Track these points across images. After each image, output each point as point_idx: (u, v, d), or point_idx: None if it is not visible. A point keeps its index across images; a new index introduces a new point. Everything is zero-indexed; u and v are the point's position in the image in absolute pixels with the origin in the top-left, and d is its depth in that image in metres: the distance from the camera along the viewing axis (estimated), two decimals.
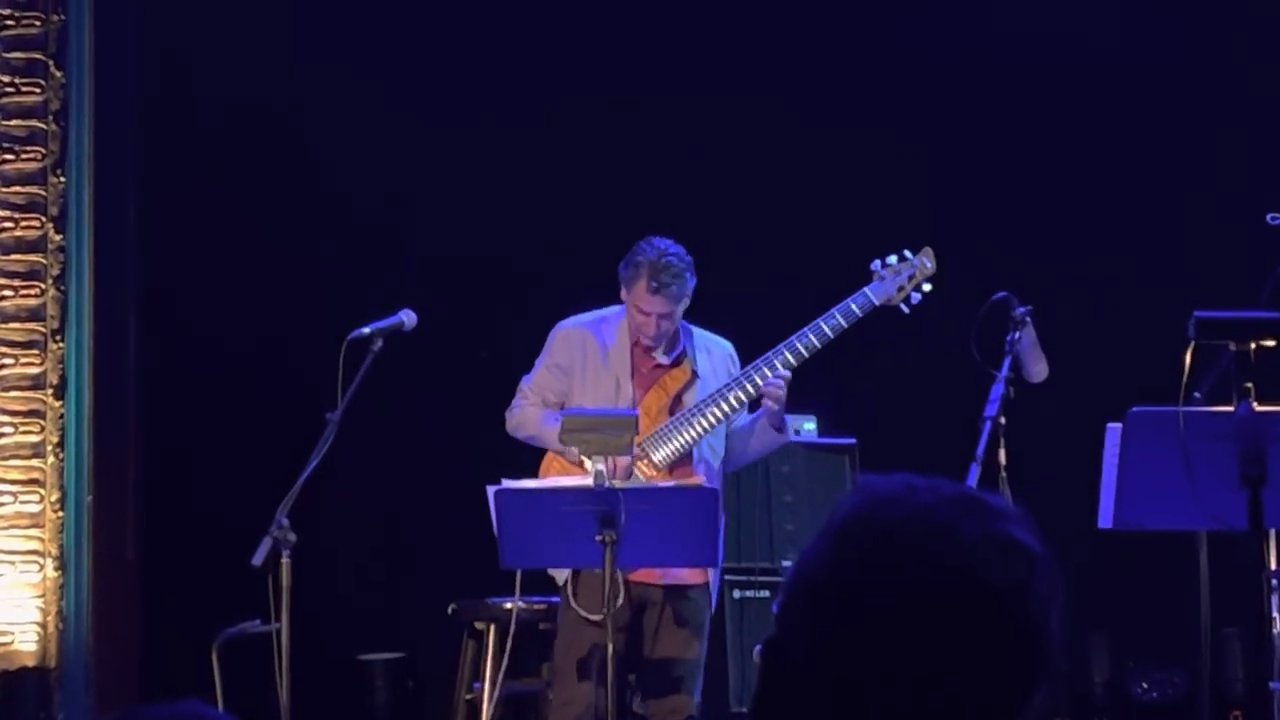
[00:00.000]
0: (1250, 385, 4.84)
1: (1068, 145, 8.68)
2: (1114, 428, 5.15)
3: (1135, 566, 8.12)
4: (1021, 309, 5.85)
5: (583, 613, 6.26)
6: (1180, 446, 4.86)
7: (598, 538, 5.66)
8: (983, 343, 5.72)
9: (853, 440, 7.46)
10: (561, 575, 6.39)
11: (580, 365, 6.48)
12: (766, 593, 7.46)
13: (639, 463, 6.34)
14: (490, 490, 6.02)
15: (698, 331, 6.57)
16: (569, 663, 6.35)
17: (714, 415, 6.37)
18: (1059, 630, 1.78)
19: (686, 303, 6.42)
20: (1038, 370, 5.85)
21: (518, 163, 8.65)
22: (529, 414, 6.52)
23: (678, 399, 6.46)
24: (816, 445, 7.57)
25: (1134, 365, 7.11)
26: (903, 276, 6.63)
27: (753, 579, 7.49)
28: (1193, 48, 8.59)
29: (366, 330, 6.26)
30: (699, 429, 6.37)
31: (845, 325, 6.47)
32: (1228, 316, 4.97)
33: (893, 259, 6.65)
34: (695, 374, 6.49)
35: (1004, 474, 5.59)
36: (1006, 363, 5.71)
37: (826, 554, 1.78)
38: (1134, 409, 5.03)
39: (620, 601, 6.23)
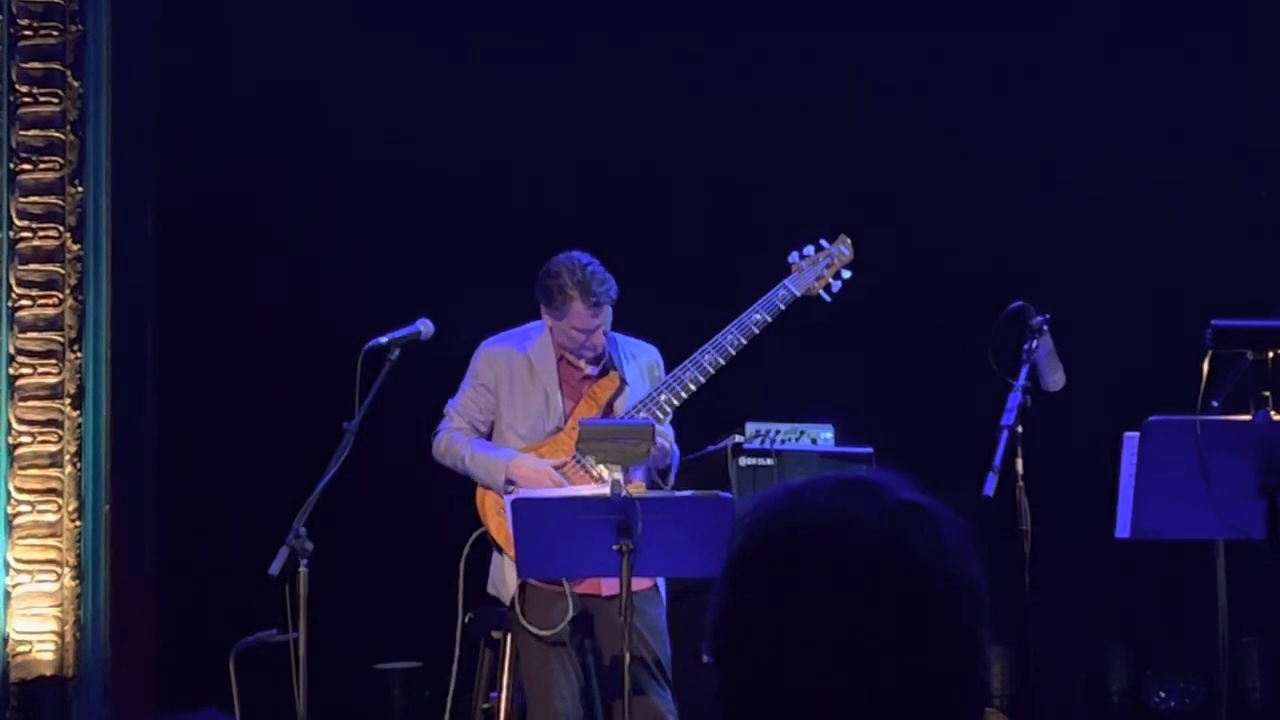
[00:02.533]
0: (1268, 394, 4.85)
1: (1083, 152, 8.67)
2: (1131, 437, 5.15)
3: (1152, 576, 8.11)
4: (1038, 318, 5.84)
5: (535, 631, 6.27)
6: (1198, 455, 4.86)
7: (614, 547, 5.65)
8: (1000, 351, 5.71)
9: (869, 449, 7.45)
10: (508, 594, 6.38)
11: (507, 383, 6.47)
12: None
13: (574, 474, 6.34)
14: (507, 499, 6.03)
15: (621, 338, 6.57)
16: (539, 683, 6.33)
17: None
18: (981, 572, 1.79)
19: None
20: (1055, 379, 5.84)
21: (537, 171, 8.67)
22: (456, 441, 6.50)
23: (609, 408, 6.46)
24: (833, 454, 7.56)
25: (1151, 374, 7.12)
26: (821, 266, 6.69)
27: None
28: (1208, 51, 8.58)
29: (384, 340, 6.26)
30: None
31: (769, 319, 6.49)
32: (1245, 325, 4.97)
33: (810, 250, 6.71)
34: (624, 381, 6.49)
35: (1021, 483, 5.58)
36: (1024, 371, 5.71)
37: (741, 589, 1.78)
38: (1151, 418, 5.03)
39: (571, 614, 6.23)
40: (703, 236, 8.62)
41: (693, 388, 6.39)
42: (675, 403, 6.42)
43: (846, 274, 6.72)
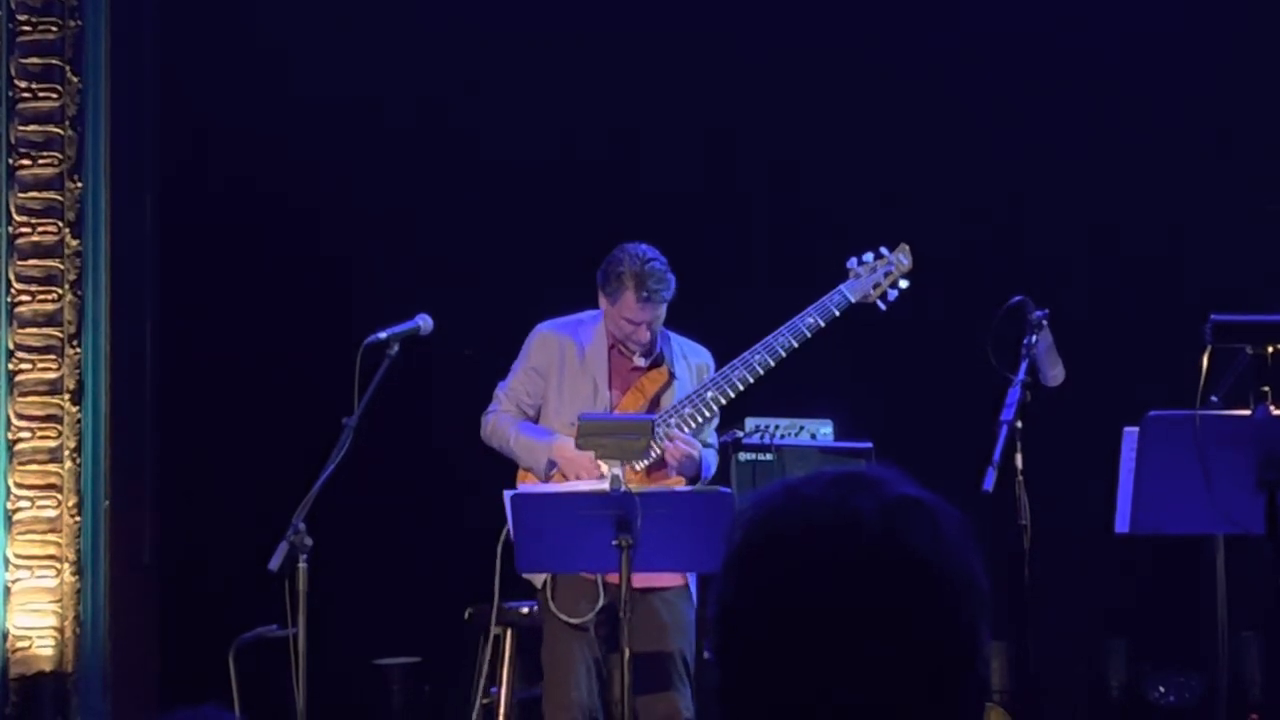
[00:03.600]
0: (1267, 389, 4.84)
1: (1084, 147, 8.67)
2: (1130, 432, 5.15)
3: (1152, 571, 8.11)
4: (1038, 313, 5.84)
5: (563, 616, 6.29)
6: (1197, 450, 4.86)
7: (614, 542, 5.66)
8: (999, 346, 5.71)
9: (869, 444, 7.46)
10: (539, 579, 6.40)
11: (557, 368, 6.52)
12: None
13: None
14: (507, 495, 6.03)
15: (675, 337, 6.62)
16: (558, 669, 6.36)
17: (692, 419, 6.41)
18: (981, 567, 1.78)
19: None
20: (1054, 374, 5.84)
21: (526, 169, 8.66)
22: (502, 423, 6.54)
23: (655, 401, 6.49)
24: (833, 449, 7.56)
25: (1150, 369, 7.11)
26: (879, 273, 6.69)
27: None
28: (1210, 44, 8.57)
29: (383, 335, 6.26)
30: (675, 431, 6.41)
31: (823, 324, 6.52)
32: (1244, 320, 4.97)
33: (869, 256, 6.72)
34: (673, 375, 6.52)
35: (1020, 478, 5.58)
36: (1023, 366, 5.71)
37: (741, 585, 1.78)
38: (1150, 413, 5.02)
39: (601, 603, 6.25)
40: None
41: (740, 387, 6.46)
42: (722, 400, 6.46)
43: (904, 284, 6.72)
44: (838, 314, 6.57)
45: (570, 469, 6.33)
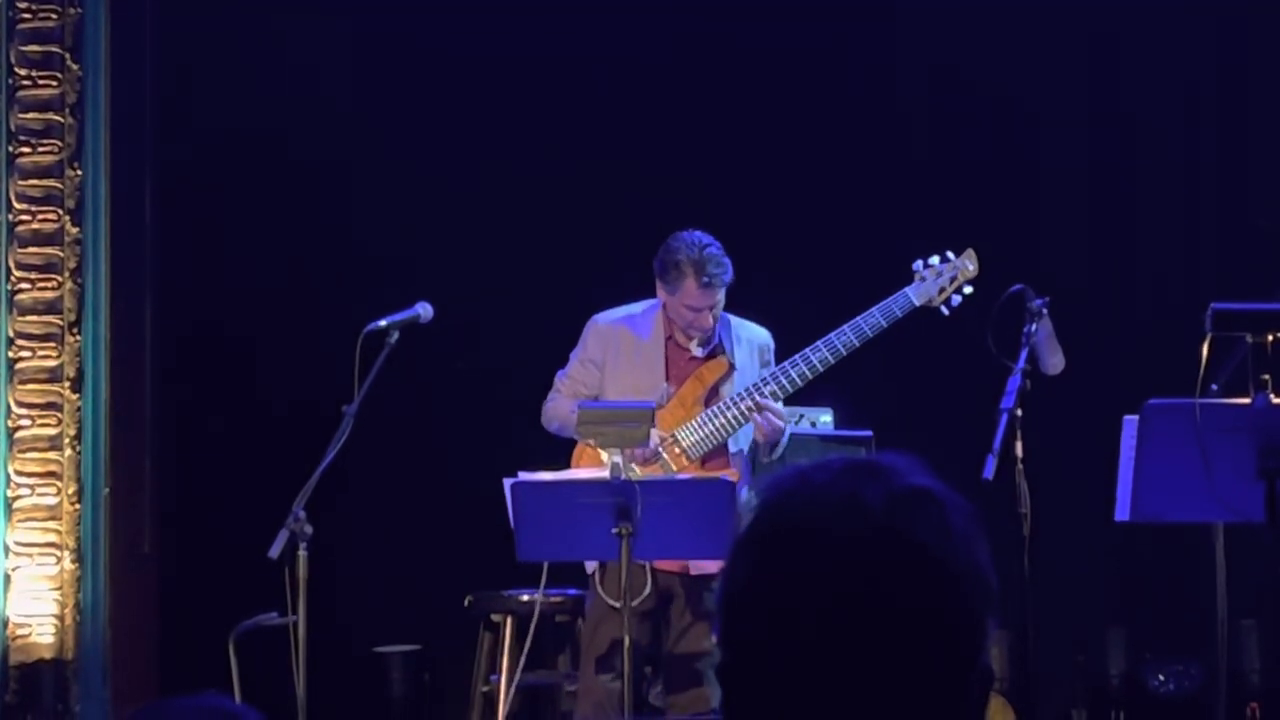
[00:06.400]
0: (1267, 377, 4.85)
1: (1083, 137, 8.67)
2: (1131, 420, 5.15)
3: (1152, 559, 8.11)
4: (1038, 301, 5.84)
5: (610, 601, 6.27)
6: (1197, 439, 4.86)
7: (614, 530, 5.66)
8: (999, 335, 5.71)
9: (869, 432, 7.46)
10: (591, 564, 6.41)
11: (613, 359, 6.51)
12: None
13: (671, 452, 6.36)
14: (507, 483, 6.02)
15: (735, 320, 6.58)
16: (593, 651, 6.37)
17: (749, 409, 6.37)
18: (989, 560, 1.78)
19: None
20: (1054, 362, 5.84)
21: (544, 156, 8.65)
22: (561, 405, 6.54)
23: (714, 390, 6.48)
24: (833, 437, 7.56)
25: (1150, 357, 7.12)
26: (944, 278, 6.61)
27: None
28: (1210, 38, 8.57)
29: (383, 323, 6.26)
30: (733, 421, 6.39)
31: (885, 325, 6.47)
32: (1244, 308, 4.97)
33: (934, 260, 6.64)
34: (732, 366, 6.50)
35: (1020, 466, 5.58)
36: (1023, 355, 5.71)
37: (745, 569, 1.78)
38: (1150, 401, 5.03)
39: (647, 591, 6.25)
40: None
41: (800, 383, 6.43)
42: (780, 395, 6.43)
43: (968, 289, 6.64)
44: (900, 316, 6.53)
45: None
